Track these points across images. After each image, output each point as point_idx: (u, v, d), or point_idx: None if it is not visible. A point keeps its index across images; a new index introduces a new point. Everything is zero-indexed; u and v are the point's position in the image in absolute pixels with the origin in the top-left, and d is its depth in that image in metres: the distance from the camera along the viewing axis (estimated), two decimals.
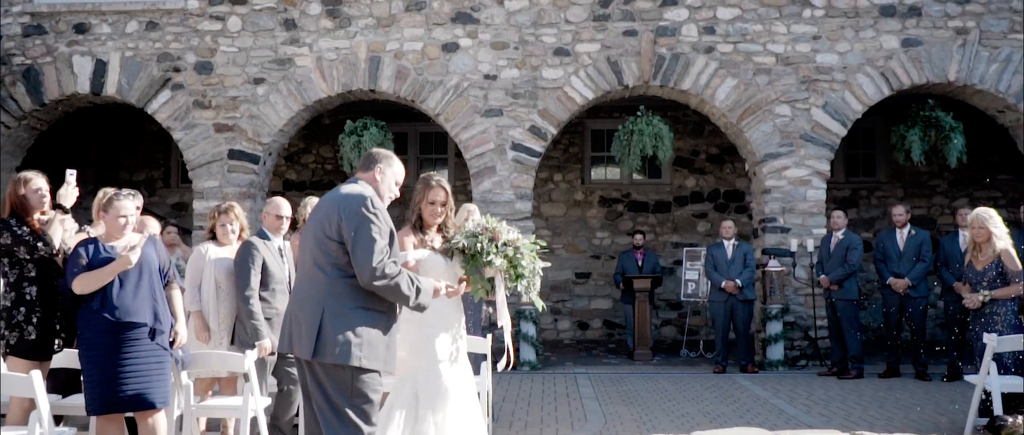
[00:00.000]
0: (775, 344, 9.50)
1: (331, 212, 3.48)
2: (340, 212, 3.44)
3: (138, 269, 4.33)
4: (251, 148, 10.08)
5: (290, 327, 3.55)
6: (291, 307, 3.61)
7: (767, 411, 6.96)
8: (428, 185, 4.12)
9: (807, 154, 9.90)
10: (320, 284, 3.45)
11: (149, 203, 12.97)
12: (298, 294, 3.58)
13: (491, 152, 10.02)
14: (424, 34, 10.03)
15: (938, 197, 12.80)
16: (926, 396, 7.62)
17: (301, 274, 3.60)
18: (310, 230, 3.61)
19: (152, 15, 10.11)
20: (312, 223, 3.60)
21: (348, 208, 3.44)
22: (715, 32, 9.94)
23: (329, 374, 3.40)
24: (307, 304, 3.46)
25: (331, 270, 3.44)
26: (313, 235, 3.55)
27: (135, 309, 4.29)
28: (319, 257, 3.49)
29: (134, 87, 10.07)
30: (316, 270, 3.49)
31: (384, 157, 3.76)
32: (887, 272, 8.88)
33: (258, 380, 4.97)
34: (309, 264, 3.54)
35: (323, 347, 3.37)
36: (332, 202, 3.54)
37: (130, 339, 4.27)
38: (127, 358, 4.24)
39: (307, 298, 3.48)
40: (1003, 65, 9.71)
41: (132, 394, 4.23)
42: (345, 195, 3.53)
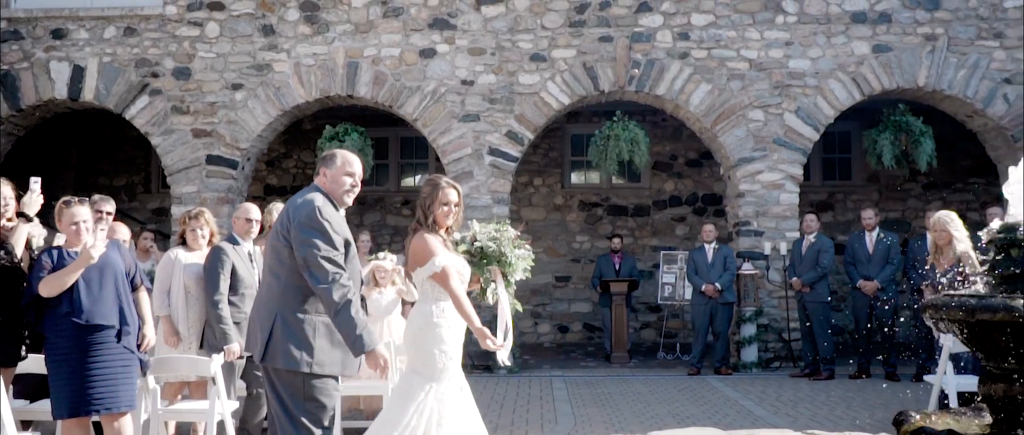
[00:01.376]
0: (749, 346, 9.62)
1: (284, 219, 3.56)
2: (291, 220, 3.51)
3: (102, 272, 4.38)
4: (229, 153, 10.12)
5: (250, 331, 3.70)
6: (252, 311, 3.76)
7: (735, 412, 7.07)
8: (438, 187, 4.04)
9: (780, 158, 10.03)
10: (274, 290, 3.54)
11: (130, 208, 12.99)
12: (257, 299, 3.74)
13: (468, 157, 10.11)
14: (401, 40, 10.11)
15: (912, 200, 12.96)
16: (893, 396, 7.74)
17: (262, 280, 3.76)
18: (270, 236, 3.72)
19: (130, 21, 10.15)
20: (274, 228, 3.69)
21: (298, 216, 3.49)
22: (689, 38, 10.06)
23: (281, 378, 3.47)
24: (262, 309, 3.57)
25: (285, 276, 3.51)
26: (270, 241, 3.68)
27: (101, 312, 4.34)
28: (274, 263, 3.58)
29: (112, 92, 10.10)
30: (271, 276, 3.58)
31: (324, 158, 3.75)
32: (857, 275, 9.03)
33: (226, 384, 5.03)
34: (266, 270, 3.68)
35: (274, 352, 3.44)
36: (286, 209, 3.63)
37: (97, 342, 4.32)
38: (94, 361, 4.29)
39: (262, 303, 3.60)
40: (971, 71, 9.87)
41: (99, 397, 4.28)
42: (298, 203, 3.58)
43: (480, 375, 9.27)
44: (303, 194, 3.65)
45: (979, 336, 2.79)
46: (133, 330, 4.50)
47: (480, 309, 8.61)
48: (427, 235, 3.99)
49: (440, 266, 3.88)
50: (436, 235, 4.02)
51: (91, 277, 4.34)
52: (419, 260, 3.95)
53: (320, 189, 3.67)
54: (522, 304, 4.73)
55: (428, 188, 4.06)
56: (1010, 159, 10.09)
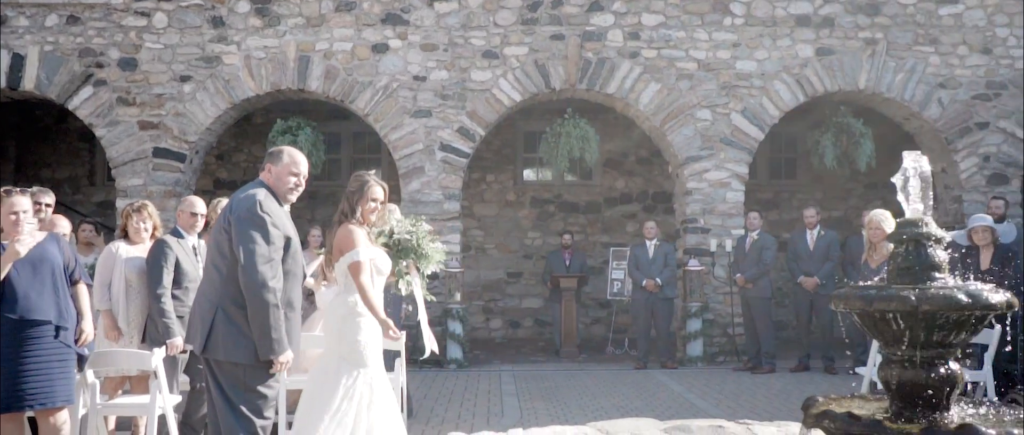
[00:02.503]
0: (694, 341, 9.83)
1: (227, 212, 3.62)
2: (228, 214, 3.58)
3: (38, 266, 4.32)
4: (177, 146, 9.99)
5: (191, 323, 3.76)
6: (193, 304, 3.83)
7: (678, 404, 7.24)
8: (367, 184, 4.15)
9: (727, 157, 10.25)
10: (216, 283, 3.59)
11: (73, 201, 12.71)
12: (198, 291, 3.81)
13: (420, 153, 10.13)
14: (354, 34, 10.08)
15: (853, 199, 13.34)
16: (830, 388, 7.99)
17: (204, 272, 3.81)
18: (214, 230, 3.78)
19: (73, 9, 9.94)
20: (217, 223, 3.75)
21: (239, 210, 3.54)
22: (640, 38, 10.21)
23: (222, 370, 3.54)
24: (203, 301, 3.64)
25: (226, 269, 3.55)
26: (214, 235, 3.72)
27: (37, 306, 4.29)
28: (216, 256, 3.63)
29: (54, 82, 9.89)
30: (213, 269, 3.64)
31: (271, 155, 3.82)
32: (798, 271, 9.29)
33: (168, 378, 4.99)
34: (209, 263, 3.72)
35: (215, 343, 3.51)
36: (229, 203, 3.69)
37: (32, 337, 4.27)
38: (28, 356, 4.24)
39: (203, 295, 3.67)
40: (908, 75, 10.21)
41: (33, 392, 4.23)
42: (240, 197, 3.64)
43: (429, 369, 9.31)
44: (246, 189, 3.69)
45: (878, 325, 2.97)
46: (71, 325, 4.45)
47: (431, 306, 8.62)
48: (352, 226, 4.08)
49: (357, 258, 3.97)
50: (361, 228, 4.12)
51: (25, 271, 4.29)
52: (342, 250, 4.04)
53: (265, 184, 3.71)
54: (473, 300, 5.00)
55: (356, 184, 4.17)
56: (943, 160, 10.49)
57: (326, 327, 4.21)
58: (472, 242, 12.78)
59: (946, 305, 2.92)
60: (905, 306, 2.86)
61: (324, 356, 4.16)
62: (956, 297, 2.93)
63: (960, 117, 10.27)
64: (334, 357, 4.04)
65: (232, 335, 3.48)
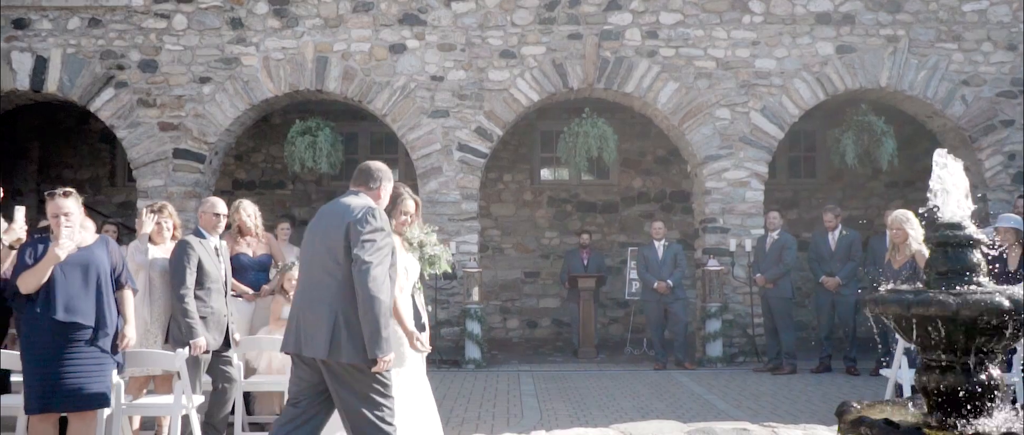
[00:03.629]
0: (714, 341, 9.76)
1: (341, 222, 3.66)
2: (348, 220, 3.64)
3: (85, 269, 4.34)
4: (197, 147, 10.05)
5: (298, 330, 3.70)
6: (299, 311, 3.74)
7: (698, 406, 7.19)
8: (400, 197, 4.33)
9: (746, 156, 10.18)
10: (331, 288, 3.63)
11: (95, 202, 12.82)
12: (306, 298, 3.72)
13: (437, 153, 10.13)
14: (371, 35, 10.10)
15: (875, 198, 13.21)
16: (852, 390, 7.92)
17: (307, 280, 3.77)
18: (316, 238, 3.78)
19: (95, 12, 10.01)
20: (318, 230, 3.78)
21: (361, 220, 3.62)
22: (658, 36, 10.16)
23: (348, 373, 3.59)
24: (319, 307, 3.63)
25: (341, 275, 3.62)
26: (321, 242, 3.72)
27: (78, 309, 4.30)
28: (328, 263, 3.66)
29: (76, 84, 9.97)
30: (326, 275, 3.66)
31: (386, 176, 3.96)
32: (820, 271, 9.20)
33: (191, 378, 5.01)
34: (317, 270, 3.71)
35: (338, 348, 3.56)
36: (336, 212, 3.74)
37: (72, 340, 4.28)
38: (67, 358, 4.25)
39: (318, 301, 3.64)
40: (930, 72, 10.10)
41: (69, 394, 4.24)
42: (350, 204, 3.73)
43: (448, 370, 9.32)
44: (350, 198, 3.79)
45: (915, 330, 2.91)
46: (110, 330, 4.46)
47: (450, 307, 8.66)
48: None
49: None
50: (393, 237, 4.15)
51: (72, 274, 4.29)
52: None
53: (368, 198, 3.84)
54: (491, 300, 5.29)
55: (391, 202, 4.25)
56: (967, 158, 10.34)
57: None
58: (489, 242, 12.77)
59: (987, 310, 2.86)
60: (945, 311, 2.80)
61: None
62: (997, 302, 2.87)
63: (984, 115, 10.15)
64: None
65: (356, 338, 3.56)
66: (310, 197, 13.13)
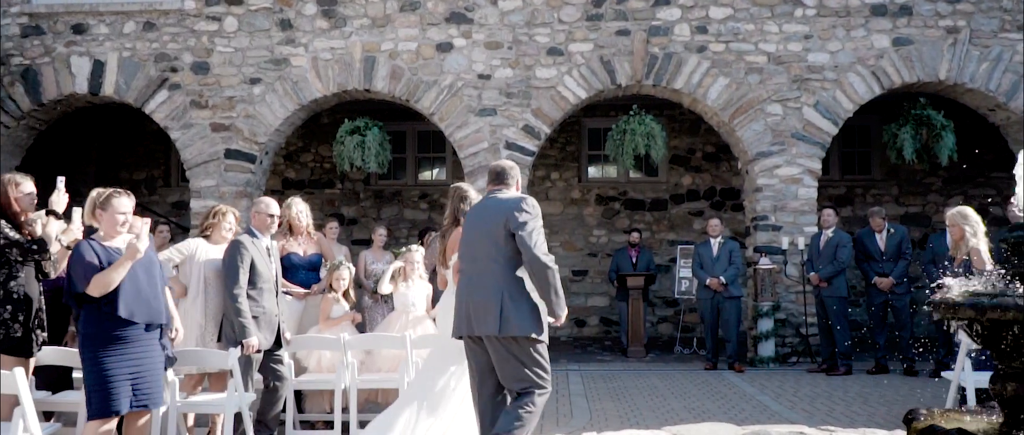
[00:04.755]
0: (766, 341, 9.57)
1: (499, 213, 4.17)
2: (509, 212, 4.14)
3: (146, 268, 4.38)
4: (247, 147, 10.19)
5: (469, 313, 4.20)
6: (469, 297, 4.23)
7: (751, 407, 7.05)
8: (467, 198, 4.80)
9: (798, 153, 9.95)
10: (496, 273, 4.14)
11: (149, 202, 13.12)
12: (474, 284, 4.22)
13: (485, 151, 10.11)
14: (418, 34, 10.13)
15: (932, 195, 12.83)
16: (911, 392, 7.68)
17: (473, 270, 4.26)
18: (477, 232, 4.27)
19: (149, 16, 10.23)
20: (479, 225, 4.26)
21: (517, 207, 4.15)
22: (707, 31, 10.00)
23: (515, 344, 4.10)
24: (487, 291, 4.13)
25: (505, 263, 4.14)
26: (484, 235, 4.21)
27: (148, 309, 4.35)
28: (492, 251, 4.17)
29: (132, 87, 10.20)
30: (491, 263, 4.17)
31: (516, 170, 4.50)
32: (871, 272, 8.97)
33: (244, 377, 5.07)
34: (483, 259, 4.20)
35: (507, 324, 4.06)
36: (493, 208, 4.24)
37: (140, 339, 4.32)
38: (135, 359, 4.28)
39: (486, 287, 4.15)
40: (993, 64, 9.75)
41: (137, 395, 4.27)
42: (504, 198, 4.27)
43: None
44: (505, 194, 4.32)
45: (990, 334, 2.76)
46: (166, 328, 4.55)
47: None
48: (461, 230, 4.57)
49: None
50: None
51: (135, 274, 4.31)
52: (454, 249, 4.58)
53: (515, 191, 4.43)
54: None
55: (459, 194, 4.78)
56: None
57: (444, 321, 4.65)
58: None
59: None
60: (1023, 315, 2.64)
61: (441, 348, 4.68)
62: None
63: None
64: (453, 350, 4.57)
65: (521, 313, 4.07)
66: (358, 196, 13.25)
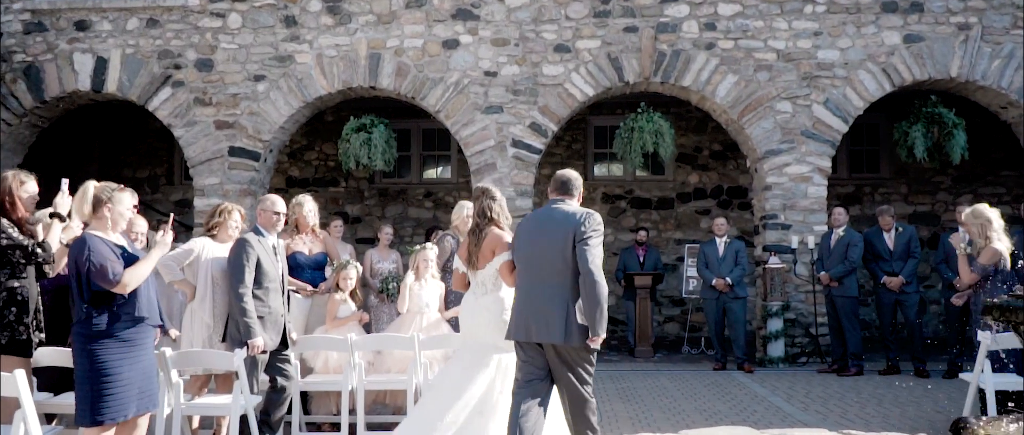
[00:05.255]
0: (776, 341, 9.47)
1: (566, 226, 4.30)
2: (577, 226, 4.28)
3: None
4: (252, 145, 10.10)
5: (528, 321, 4.31)
6: (532, 305, 4.32)
7: (764, 408, 6.95)
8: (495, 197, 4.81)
9: (808, 151, 9.85)
10: (564, 285, 4.26)
11: (152, 200, 13.04)
12: (537, 293, 4.32)
13: (491, 149, 10.02)
14: (424, 31, 10.03)
15: (942, 193, 12.72)
16: (924, 394, 7.58)
17: (535, 278, 4.35)
18: (540, 241, 4.36)
19: (152, 12, 10.14)
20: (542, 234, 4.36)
21: (584, 222, 4.30)
22: (716, 28, 9.89)
23: (574, 352, 4.26)
24: (555, 301, 4.25)
25: (569, 274, 4.26)
26: (549, 245, 4.31)
27: (155, 309, 4.26)
28: (558, 264, 4.28)
29: (135, 84, 10.11)
30: (556, 275, 4.28)
31: (581, 182, 4.60)
32: (880, 272, 8.86)
33: (249, 378, 4.97)
34: (547, 270, 4.31)
35: (571, 333, 4.22)
36: (558, 220, 4.36)
37: (148, 341, 4.23)
38: (143, 361, 4.17)
39: (551, 297, 4.27)
40: (1005, 61, 9.64)
41: (142, 398, 4.15)
42: (571, 212, 4.39)
43: None
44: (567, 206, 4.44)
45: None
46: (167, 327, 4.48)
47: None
48: (501, 231, 4.66)
49: (511, 258, 4.57)
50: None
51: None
52: (495, 251, 4.61)
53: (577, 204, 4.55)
54: None
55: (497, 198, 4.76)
56: None
57: (476, 322, 4.70)
58: None
59: None
60: None
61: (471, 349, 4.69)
62: None
63: None
64: (489, 349, 4.63)
65: (580, 326, 4.22)
66: (363, 194, 13.16)
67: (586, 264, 4.17)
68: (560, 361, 4.29)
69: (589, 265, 4.17)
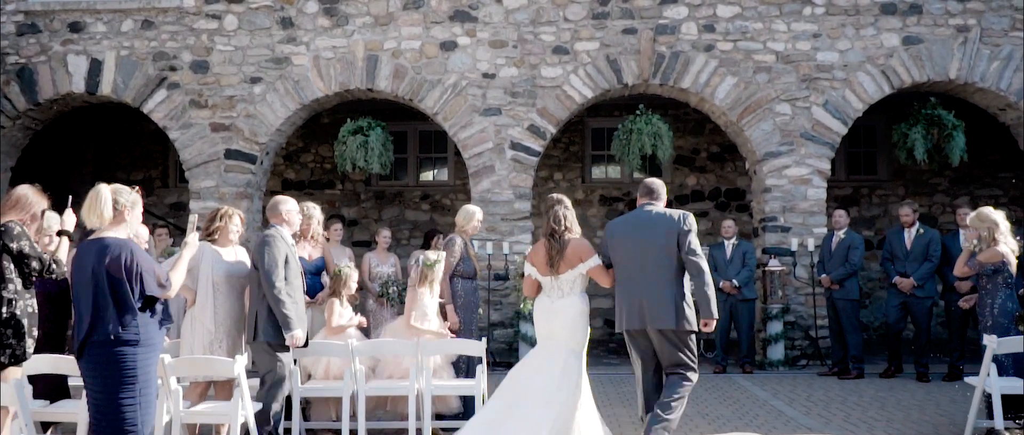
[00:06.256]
0: (776, 344, 9.43)
1: (667, 226, 4.94)
2: (679, 226, 4.92)
3: None
4: (248, 148, 10.02)
5: (641, 311, 4.92)
6: (638, 297, 4.92)
7: (766, 412, 6.90)
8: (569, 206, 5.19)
9: (807, 153, 9.82)
10: (669, 277, 4.89)
11: (147, 203, 12.86)
12: (644, 285, 4.90)
13: (490, 151, 9.96)
14: (422, 33, 9.97)
15: (939, 195, 12.72)
16: (927, 396, 7.55)
17: (639, 272, 4.93)
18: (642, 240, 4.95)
19: (147, 13, 10.05)
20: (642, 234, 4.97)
21: (685, 222, 4.95)
22: (715, 30, 9.86)
23: (679, 337, 4.90)
24: (663, 292, 4.86)
25: (676, 268, 4.91)
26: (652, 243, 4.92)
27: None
28: (663, 259, 4.90)
29: (130, 86, 10.02)
30: (662, 269, 4.89)
31: (665, 188, 5.22)
32: (893, 271, 8.77)
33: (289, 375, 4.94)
34: (651, 265, 4.91)
35: (681, 318, 4.86)
36: (659, 221, 4.98)
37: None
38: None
39: (660, 288, 4.87)
40: (1004, 63, 9.63)
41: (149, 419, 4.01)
42: (669, 214, 5.02)
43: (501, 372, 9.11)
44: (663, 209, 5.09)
45: None
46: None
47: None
48: (581, 239, 5.07)
49: (599, 262, 5.03)
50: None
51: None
52: (581, 258, 4.98)
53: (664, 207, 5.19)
54: None
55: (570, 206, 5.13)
56: None
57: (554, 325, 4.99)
58: None
59: None
60: None
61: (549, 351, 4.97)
62: None
63: None
64: (563, 350, 4.93)
65: (688, 311, 4.89)
66: (359, 197, 13.08)
67: (696, 263, 4.84)
68: (669, 345, 4.90)
69: (699, 263, 4.85)
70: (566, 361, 4.89)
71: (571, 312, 4.96)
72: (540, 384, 4.80)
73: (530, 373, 4.93)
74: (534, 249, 5.16)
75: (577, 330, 4.97)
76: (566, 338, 4.96)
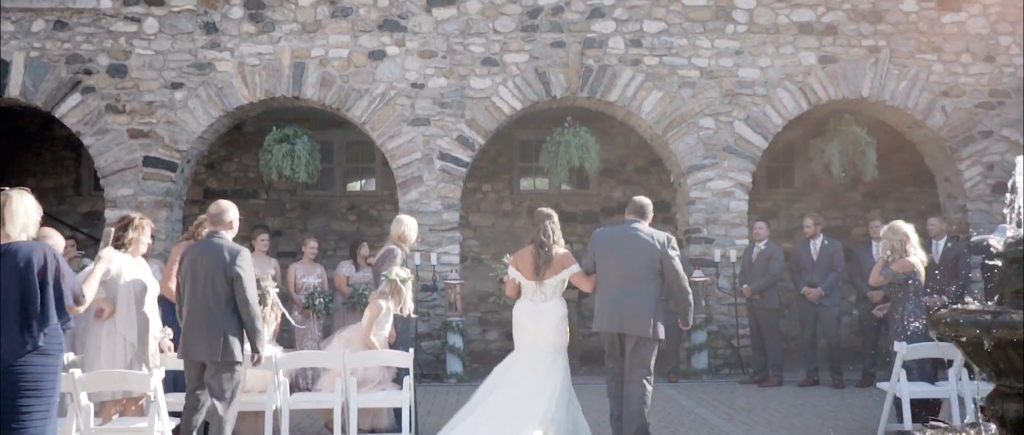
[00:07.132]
0: (699, 353, 9.63)
1: (653, 244, 5.49)
2: (664, 248, 5.50)
3: None
4: (168, 155, 9.71)
5: (620, 316, 5.43)
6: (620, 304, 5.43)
7: (691, 420, 7.04)
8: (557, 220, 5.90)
9: (730, 166, 10.10)
10: (649, 292, 5.44)
11: (59, 212, 12.36)
12: (626, 295, 5.43)
13: (418, 162, 9.91)
14: (350, 41, 9.86)
15: (853, 208, 13.22)
16: (841, 403, 7.83)
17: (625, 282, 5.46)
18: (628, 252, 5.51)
19: (60, 14, 9.65)
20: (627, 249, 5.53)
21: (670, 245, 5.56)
22: (641, 45, 10.06)
23: (648, 343, 5.44)
24: (643, 303, 5.40)
25: (656, 283, 5.47)
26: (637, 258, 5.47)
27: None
28: (646, 273, 5.44)
29: (40, 89, 9.59)
30: (643, 283, 5.42)
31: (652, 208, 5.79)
32: (801, 282, 9.10)
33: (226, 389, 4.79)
34: (634, 278, 5.44)
35: (656, 328, 5.41)
36: (643, 239, 5.53)
37: None
38: None
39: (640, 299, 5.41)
40: (911, 83, 10.12)
41: None
42: (652, 233, 5.57)
43: (429, 384, 9.07)
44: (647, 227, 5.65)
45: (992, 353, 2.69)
46: None
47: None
48: (564, 249, 5.73)
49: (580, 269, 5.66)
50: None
51: None
52: (565, 266, 5.65)
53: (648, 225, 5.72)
54: (470, 311, 5.73)
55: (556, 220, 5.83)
56: (947, 169, 10.39)
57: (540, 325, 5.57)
58: (468, 253, 12.53)
59: None
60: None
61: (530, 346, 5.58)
62: None
63: (963, 125, 10.18)
64: (550, 349, 5.57)
65: (660, 322, 5.45)
66: (284, 207, 12.81)
67: (679, 281, 5.47)
68: (639, 349, 5.39)
69: (682, 283, 5.50)
70: (553, 358, 5.52)
71: (555, 315, 5.60)
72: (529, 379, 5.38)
73: (519, 370, 5.50)
74: (520, 255, 5.76)
75: (561, 330, 5.62)
76: (552, 338, 5.58)
